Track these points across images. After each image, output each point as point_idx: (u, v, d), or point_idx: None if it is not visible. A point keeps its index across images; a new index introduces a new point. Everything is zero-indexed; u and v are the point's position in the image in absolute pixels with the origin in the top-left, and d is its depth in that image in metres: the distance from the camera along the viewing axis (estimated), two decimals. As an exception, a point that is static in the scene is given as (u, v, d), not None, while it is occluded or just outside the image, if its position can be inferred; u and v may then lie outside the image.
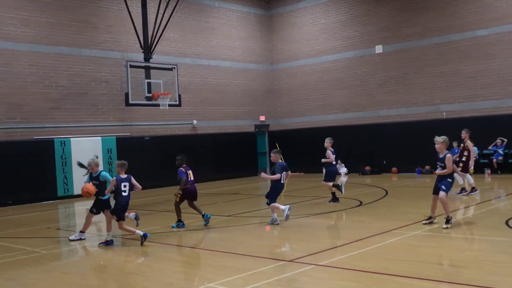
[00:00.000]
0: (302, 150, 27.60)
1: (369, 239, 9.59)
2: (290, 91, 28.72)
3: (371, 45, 25.57)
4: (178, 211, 12.01)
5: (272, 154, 12.28)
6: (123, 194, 10.15)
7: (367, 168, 24.92)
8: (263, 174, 12.32)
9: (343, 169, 25.59)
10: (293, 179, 16.31)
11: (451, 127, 22.68)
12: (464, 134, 15.42)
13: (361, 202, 14.85)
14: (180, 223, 11.97)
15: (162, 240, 10.61)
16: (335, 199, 15.05)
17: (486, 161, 21.91)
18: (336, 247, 9.06)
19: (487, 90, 22.25)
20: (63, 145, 20.49)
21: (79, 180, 20.48)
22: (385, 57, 25.11)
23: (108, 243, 10.22)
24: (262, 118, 28.77)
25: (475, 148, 22.07)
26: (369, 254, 8.51)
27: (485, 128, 21.56)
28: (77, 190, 20.47)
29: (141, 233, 10.09)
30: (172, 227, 11.90)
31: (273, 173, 12.02)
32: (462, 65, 22.80)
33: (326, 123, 26.99)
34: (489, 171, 21.47)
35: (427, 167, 23.13)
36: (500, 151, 21.43)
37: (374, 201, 15.13)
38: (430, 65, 23.70)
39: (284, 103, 29.04)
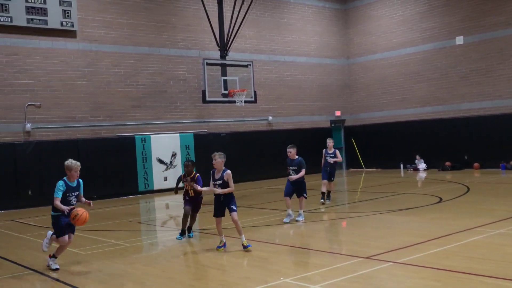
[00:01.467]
0: (378, 145, 27.14)
1: (450, 237, 9.27)
2: (367, 85, 28.24)
3: (451, 37, 24.65)
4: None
5: (291, 150, 11.85)
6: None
7: (448, 163, 24.04)
8: (291, 178, 11.77)
9: (422, 165, 24.89)
10: (369, 175, 16.04)
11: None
12: None
13: (440, 199, 14.36)
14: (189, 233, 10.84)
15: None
16: (328, 196, 14.99)
17: None
18: (415, 244, 8.82)
19: None
20: (143, 141, 21.20)
21: (159, 176, 21.20)
22: (467, 48, 24.12)
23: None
24: (338, 113, 28.48)
25: None
26: (451, 252, 8.22)
27: None
28: (156, 185, 21.16)
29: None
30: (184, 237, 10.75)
31: (299, 170, 11.69)
32: (552, 54, 21.54)
33: (404, 117, 26.33)
34: None
35: (513, 162, 22.09)
36: None
37: (454, 198, 14.59)
38: (516, 55, 22.56)
39: (360, 98, 28.60)
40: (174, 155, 21.88)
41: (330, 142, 15.01)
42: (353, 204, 14.42)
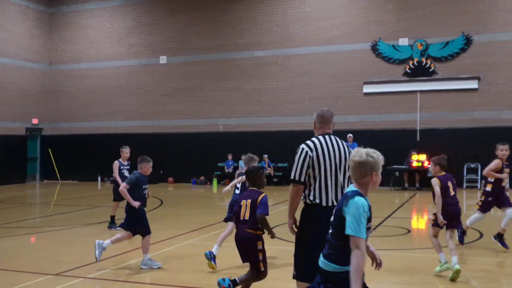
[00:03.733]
0: (78, 156, 26.45)
1: (143, 249, 9.38)
2: (71, 94, 27.22)
3: (156, 55, 25.58)
4: None
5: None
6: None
7: (143, 178, 24.77)
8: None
9: (122, 179, 25.05)
10: (65, 187, 15.37)
11: (227, 141, 23.96)
12: None
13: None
14: None
15: None
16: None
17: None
18: (108, 258, 8.65)
19: (262, 107, 23.74)
20: None
21: None
22: (170, 68, 25.32)
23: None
24: (35, 121, 26.70)
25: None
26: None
27: (259, 143, 22.94)
28: None
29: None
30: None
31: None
32: (241, 82, 24.03)
33: (108, 130, 26.15)
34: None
35: (202, 177, 24.00)
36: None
37: (149, 211, 14.91)
38: (212, 79, 24.52)
39: (63, 107, 27.38)
40: None
41: (127, 152, 12.28)
42: (46, 218, 13.56)
